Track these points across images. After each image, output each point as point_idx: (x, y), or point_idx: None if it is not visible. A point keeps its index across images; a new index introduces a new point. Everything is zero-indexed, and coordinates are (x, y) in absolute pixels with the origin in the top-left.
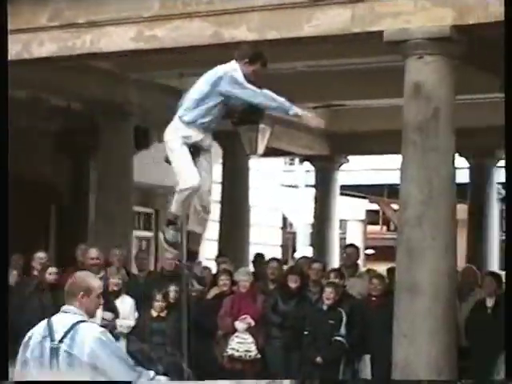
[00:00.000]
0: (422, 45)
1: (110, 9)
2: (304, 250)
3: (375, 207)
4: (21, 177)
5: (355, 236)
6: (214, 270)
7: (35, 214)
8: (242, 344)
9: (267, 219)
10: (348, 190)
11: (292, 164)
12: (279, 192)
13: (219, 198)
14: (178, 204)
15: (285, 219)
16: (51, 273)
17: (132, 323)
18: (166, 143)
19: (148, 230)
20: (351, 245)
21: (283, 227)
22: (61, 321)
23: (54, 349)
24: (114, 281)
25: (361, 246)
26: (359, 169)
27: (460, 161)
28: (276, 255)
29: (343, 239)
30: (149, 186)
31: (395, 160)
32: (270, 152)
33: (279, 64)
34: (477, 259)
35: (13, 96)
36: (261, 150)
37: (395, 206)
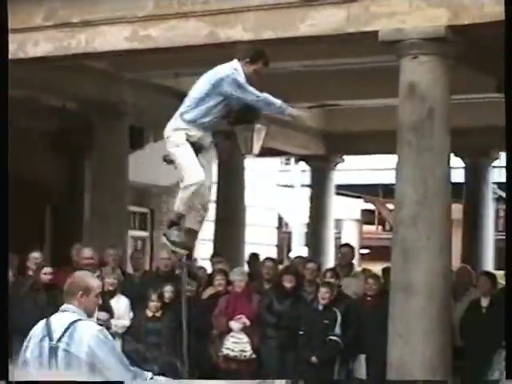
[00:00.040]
0: (417, 45)
1: (105, 8)
2: (299, 250)
3: (370, 207)
4: (16, 176)
5: (350, 236)
6: (210, 270)
7: (30, 214)
8: (237, 344)
9: (263, 219)
10: (343, 190)
11: (287, 164)
12: (275, 192)
13: (215, 198)
14: (183, 201)
15: (280, 219)
16: (46, 273)
17: (127, 323)
18: (168, 139)
19: (143, 230)
20: (346, 244)
21: (278, 227)
22: (59, 320)
23: (53, 348)
24: (109, 280)
25: (356, 246)
26: (355, 168)
27: (455, 161)
28: (271, 255)
29: (338, 239)
30: (144, 186)
31: (390, 160)
32: (266, 152)
33: (274, 64)
34: (472, 259)
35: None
36: (256, 150)
37: (390, 206)
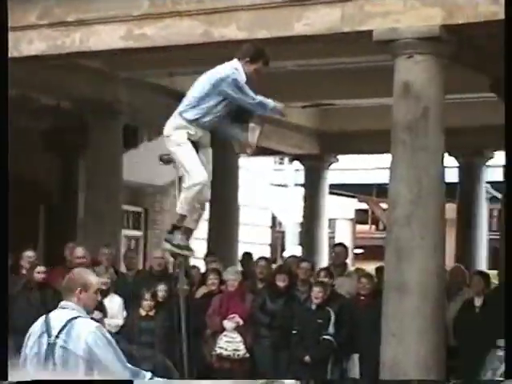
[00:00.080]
0: (412, 44)
1: (100, 7)
2: (293, 249)
3: (364, 206)
4: (10, 176)
5: (344, 235)
6: (203, 269)
7: (24, 213)
8: (231, 343)
9: (256, 218)
10: (337, 189)
11: (281, 163)
12: (268, 191)
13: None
14: (187, 202)
15: (274, 218)
16: (39, 271)
17: (120, 322)
18: (169, 138)
19: (137, 229)
20: (340, 244)
21: (272, 226)
22: (58, 317)
23: (51, 344)
24: (103, 280)
25: (350, 245)
26: (348, 168)
27: (449, 160)
28: (265, 254)
29: (332, 238)
30: (138, 185)
31: (384, 159)
32: (260, 151)
33: (269, 63)
34: (465, 258)
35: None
36: (250, 149)
37: (384, 206)
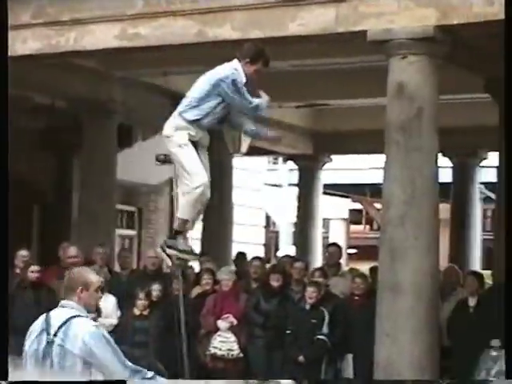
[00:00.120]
0: (406, 45)
1: (94, 6)
2: (287, 249)
3: (358, 206)
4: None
5: (338, 235)
6: (197, 269)
7: (18, 212)
8: (225, 343)
9: (250, 218)
10: (331, 189)
11: (275, 163)
12: (262, 191)
13: None
14: (190, 205)
15: (268, 218)
16: (33, 271)
17: (114, 322)
18: (170, 139)
19: (131, 229)
20: (333, 244)
21: (266, 226)
22: (58, 315)
23: (49, 342)
24: None
25: (344, 245)
26: (342, 168)
27: (443, 160)
28: (259, 254)
29: (326, 238)
30: (132, 185)
31: (378, 159)
32: (254, 151)
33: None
34: (459, 259)
35: None
36: (244, 149)
37: (378, 206)
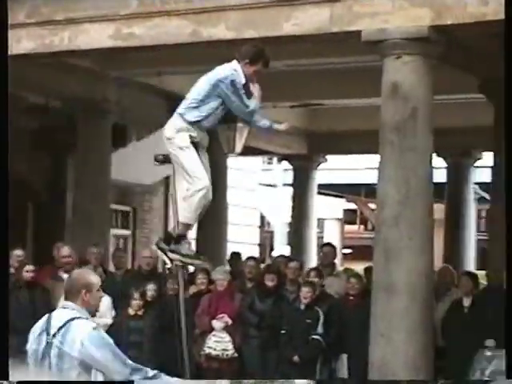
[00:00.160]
0: (400, 45)
1: (88, 6)
2: (281, 249)
3: (353, 206)
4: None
5: (333, 235)
6: (192, 269)
7: (12, 212)
8: (219, 343)
9: (245, 218)
10: (326, 189)
11: (270, 163)
12: (257, 191)
13: None
14: (192, 209)
15: (262, 218)
16: (28, 270)
17: (109, 321)
18: (171, 141)
19: (125, 229)
20: (328, 244)
21: (261, 226)
22: (58, 316)
23: (49, 343)
24: None
25: (338, 245)
26: (337, 168)
27: (437, 161)
28: (253, 254)
29: (321, 238)
30: (126, 184)
31: (373, 159)
32: (248, 151)
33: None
34: (453, 259)
35: None
36: (239, 149)
37: (372, 206)
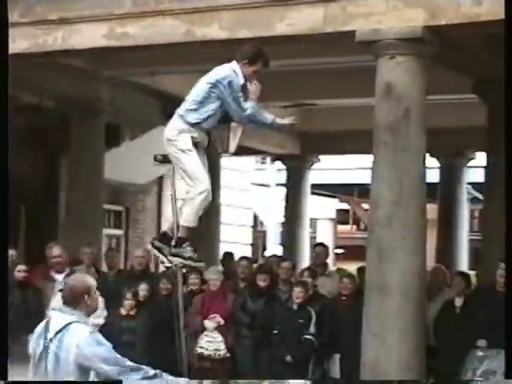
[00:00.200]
0: (394, 45)
1: (82, 6)
2: (274, 249)
3: (346, 206)
4: None
5: (325, 235)
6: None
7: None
8: (212, 343)
9: (238, 218)
10: (319, 189)
11: (263, 163)
12: (250, 190)
13: None
14: (195, 212)
15: (255, 218)
16: (20, 270)
17: (101, 321)
18: (173, 143)
19: (118, 228)
20: (320, 244)
21: (254, 226)
22: (56, 320)
23: (46, 347)
24: None
25: (331, 245)
26: (330, 168)
27: (430, 161)
28: (246, 254)
29: (313, 238)
30: (119, 184)
31: (366, 160)
32: (242, 150)
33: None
34: (446, 259)
35: None
36: (232, 149)
37: (366, 206)
